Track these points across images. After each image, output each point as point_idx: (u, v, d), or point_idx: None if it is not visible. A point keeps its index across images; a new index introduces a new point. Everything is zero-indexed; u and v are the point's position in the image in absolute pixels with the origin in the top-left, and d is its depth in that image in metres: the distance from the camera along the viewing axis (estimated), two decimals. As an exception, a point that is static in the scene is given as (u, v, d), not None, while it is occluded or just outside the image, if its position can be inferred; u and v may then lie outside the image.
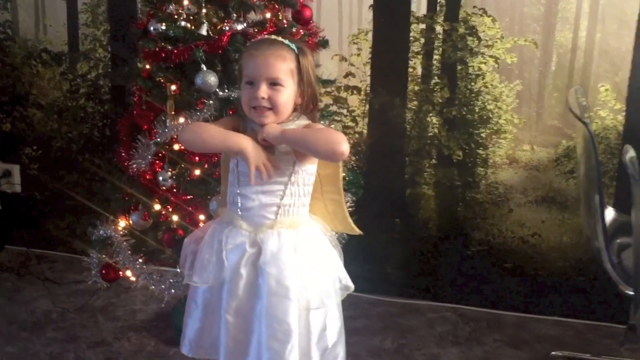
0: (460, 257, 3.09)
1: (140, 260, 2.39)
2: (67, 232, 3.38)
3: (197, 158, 2.26)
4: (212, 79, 2.22)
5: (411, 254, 3.13)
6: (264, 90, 1.83)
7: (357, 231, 2.20)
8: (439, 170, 3.01)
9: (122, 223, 2.44)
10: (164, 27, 2.29)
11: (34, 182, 3.36)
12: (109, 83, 3.11)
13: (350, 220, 2.13)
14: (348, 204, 2.70)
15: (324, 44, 2.50)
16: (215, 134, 1.84)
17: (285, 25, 2.32)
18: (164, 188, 2.31)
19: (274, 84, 1.84)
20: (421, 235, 3.11)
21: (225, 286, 1.89)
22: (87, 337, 2.80)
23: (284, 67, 1.84)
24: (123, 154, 2.44)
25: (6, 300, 3.05)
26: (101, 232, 2.40)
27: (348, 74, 2.97)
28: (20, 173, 3.36)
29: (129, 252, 2.38)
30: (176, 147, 2.28)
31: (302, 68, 1.88)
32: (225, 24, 2.27)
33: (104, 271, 2.46)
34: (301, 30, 2.37)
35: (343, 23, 2.92)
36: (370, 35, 2.91)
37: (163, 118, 2.33)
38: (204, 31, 2.26)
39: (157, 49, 2.30)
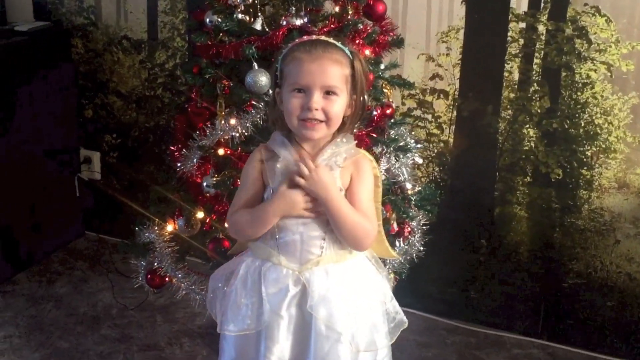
0: (554, 289, 2.71)
1: (181, 272, 2.23)
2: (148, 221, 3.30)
3: (241, 165, 2.05)
4: (263, 79, 1.99)
5: (498, 280, 2.79)
6: (318, 100, 1.61)
7: (394, 255, 1.99)
8: (534, 190, 2.64)
9: (169, 227, 2.28)
10: (219, 20, 2.09)
11: (113, 170, 3.30)
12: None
13: (387, 243, 1.91)
14: (422, 222, 2.45)
15: (399, 43, 2.21)
16: (253, 223, 1.69)
17: (350, 22, 2.05)
18: (207, 195, 2.13)
19: (328, 92, 1.62)
20: (510, 260, 2.75)
21: (263, 332, 1.69)
22: (141, 338, 2.70)
23: (339, 73, 1.63)
24: (176, 154, 2.28)
25: (72, 289, 3.02)
26: (146, 235, 2.25)
27: (435, 76, 2.65)
28: (100, 160, 3.31)
29: (170, 260, 2.22)
30: (221, 151, 2.09)
31: (357, 74, 1.66)
32: (283, 18, 2.03)
33: (149, 276, 2.32)
34: (369, 27, 2.09)
35: (432, 19, 2.60)
36: (461, 33, 2.57)
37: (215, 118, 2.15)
38: (258, 26, 2.04)
39: (209, 43, 2.11)
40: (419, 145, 2.41)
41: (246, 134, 2.05)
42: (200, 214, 2.17)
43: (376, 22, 2.17)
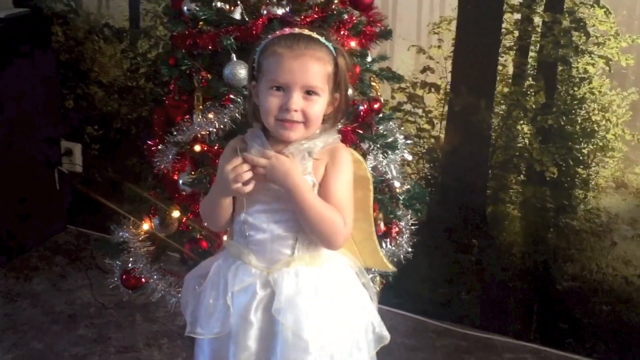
0: (548, 292, 2.62)
1: (157, 273, 2.13)
2: (124, 218, 3.20)
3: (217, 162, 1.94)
4: (242, 71, 1.89)
5: (490, 282, 2.69)
6: (297, 101, 1.50)
7: (390, 267, 1.86)
8: (528, 189, 2.54)
9: (145, 226, 2.18)
10: (197, 8, 1.98)
11: (95, 163, 3.20)
12: (168, 64, 2.86)
13: (382, 254, 1.80)
14: (410, 223, 2.34)
15: (387, 34, 2.10)
16: (207, 205, 1.66)
17: (334, 12, 1.93)
18: (184, 193, 2.02)
19: (309, 92, 1.51)
20: (502, 261, 2.65)
21: (232, 336, 1.59)
22: (118, 339, 2.61)
23: (322, 72, 1.52)
24: (153, 149, 2.17)
25: (50, 286, 2.92)
26: (119, 234, 2.15)
27: (426, 69, 2.54)
28: (81, 153, 3.20)
29: (145, 260, 2.12)
30: (197, 147, 1.98)
31: (340, 72, 1.56)
32: (263, 7, 1.92)
33: (124, 277, 2.22)
34: (355, 18, 1.98)
35: (423, 9, 2.49)
36: (454, 24, 2.46)
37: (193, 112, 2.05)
38: (237, 15, 1.93)
39: (186, 33, 2.00)
40: (408, 141, 2.32)
41: (224, 129, 1.95)
42: (176, 213, 2.07)
43: (363, 12, 2.06)
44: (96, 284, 2.91)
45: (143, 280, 2.21)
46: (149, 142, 2.18)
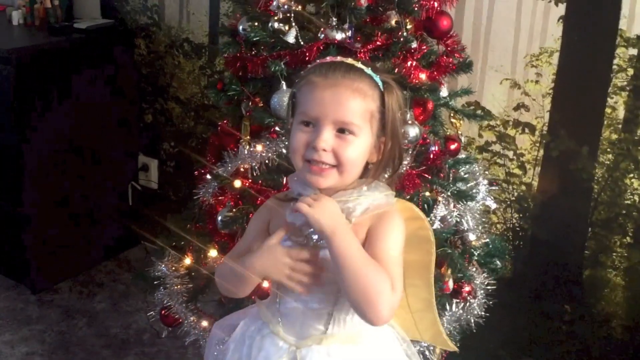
0: (653, 376, 2.21)
1: (192, 314, 1.95)
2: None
3: (259, 200, 1.73)
4: (291, 101, 1.67)
5: (583, 355, 2.31)
6: (327, 139, 1.26)
7: (451, 346, 1.56)
8: (635, 253, 2.15)
9: (187, 260, 2.01)
10: (249, 29, 1.79)
11: (170, 180, 3.08)
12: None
13: (442, 328, 1.52)
14: (487, 281, 2.04)
15: (465, 67, 1.81)
16: (231, 277, 1.38)
17: (400, 39, 1.67)
18: (222, 232, 1.83)
19: (342, 130, 1.26)
20: (599, 333, 2.27)
21: None
22: (166, 372, 2.46)
23: (360, 107, 1.27)
24: (203, 178, 2.00)
25: (109, 306, 2.82)
26: (158, 267, 1.99)
27: (520, 106, 2.22)
28: (157, 169, 3.10)
29: (181, 299, 1.94)
30: (238, 183, 1.77)
31: (387, 112, 1.30)
32: (321, 30, 1.69)
33: (163, 312, 2.06)
34: (425, 47, 1.71)
35: (520, 38, 2.16)
36: (556, 57, 2.13)
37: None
38: (291, 38, 1.71)
39: (237, 55, 1.81)
40: (493, 187, 2.02)
41: (268, 163, 1.74)
42: (213, 253, 1.87)
43: (439, 40, 1.78)
44: (149, 309, 2.78)
45: (182, 319, 2.05)
46: (199, 170, 2.02)
